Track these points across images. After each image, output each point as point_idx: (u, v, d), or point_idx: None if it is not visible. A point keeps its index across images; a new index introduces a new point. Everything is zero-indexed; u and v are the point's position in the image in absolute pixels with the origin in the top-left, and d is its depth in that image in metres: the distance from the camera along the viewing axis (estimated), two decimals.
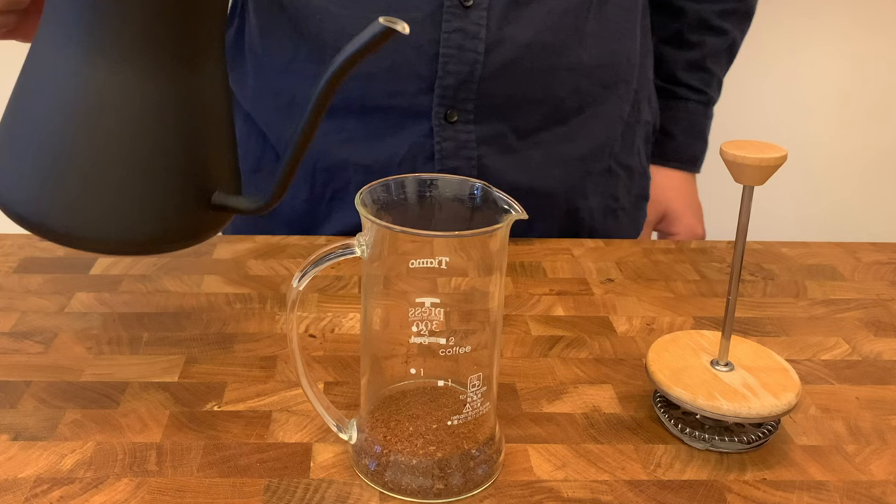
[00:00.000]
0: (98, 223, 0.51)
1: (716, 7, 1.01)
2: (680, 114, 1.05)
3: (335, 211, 0.89)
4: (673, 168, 1.07)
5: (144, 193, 0.51)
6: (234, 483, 0.52)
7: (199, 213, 0.54)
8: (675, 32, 1.03)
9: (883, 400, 0.62)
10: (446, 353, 0.48)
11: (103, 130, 0.50)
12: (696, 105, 1.05)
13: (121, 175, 0.51)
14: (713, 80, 1.05)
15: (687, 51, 1.03)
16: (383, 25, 0.45)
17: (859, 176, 1.72)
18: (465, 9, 0.79)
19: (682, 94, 1.04)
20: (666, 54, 1.04)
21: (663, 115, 1.05)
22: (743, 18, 1.03)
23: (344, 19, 0.81)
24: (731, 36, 1.03)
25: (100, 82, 0.50)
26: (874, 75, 1.65)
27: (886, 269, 0.82)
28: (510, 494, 0.51)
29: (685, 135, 1.05)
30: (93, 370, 0.62)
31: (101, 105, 0.50)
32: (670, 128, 1.05)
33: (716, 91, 1.06)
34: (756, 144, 0.52)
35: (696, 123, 1.05)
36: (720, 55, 1.04)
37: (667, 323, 0.71)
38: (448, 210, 0.52)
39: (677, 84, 1.04)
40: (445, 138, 0.84)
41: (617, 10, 0.87)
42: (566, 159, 0.89)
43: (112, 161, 0.51)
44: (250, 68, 0.90)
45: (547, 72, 0.84)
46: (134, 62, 0.50)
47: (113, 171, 0.51)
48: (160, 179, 0.52)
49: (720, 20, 1.02)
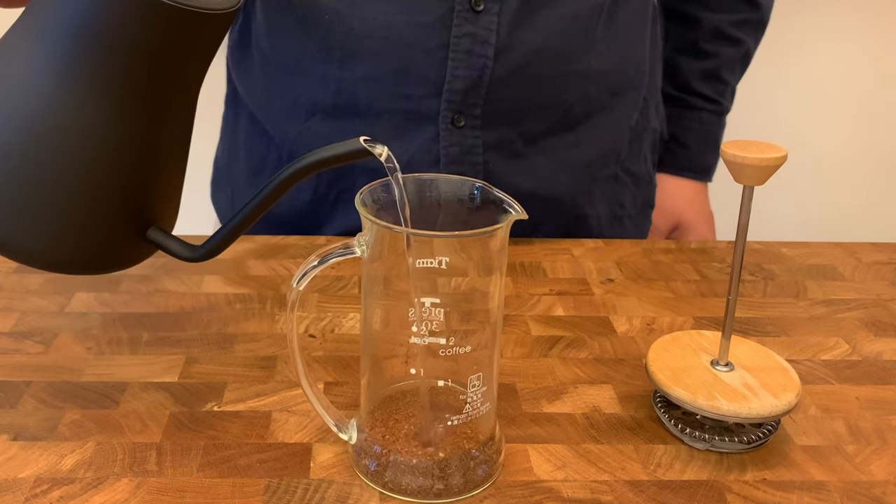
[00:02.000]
0: (25, 235, 0.50)
1: (731, 17, 1.01)
2: (694, 124, 1.04)
3: (339, 211, 0.89)
4: (686, 178, 1.07)
5: (80, 218, 0.51)
6: (234, 483, 0.52)
7: (131, 245, 0.54)
8: (690, 42, 1.03)
9: (883, 400, 0.62)
10: (446, 353, 0.48)
11: (53, 149, 0.49)
12: (709, 115, 1.05)
13: (61, 195, 0.50)
14: (727, 90, 1.05)
15: (702, 60, 1.03)
16: (362, 146, 0.48)
17: (860, 176, 1.72)
18: (476, 13, 0.79)
19: (696, 104, 1.04)
20: (680, 63, 1.04)
21: (676, 124, 1.04)
22: (757, 28, 1.03)
23: (353, 20, 0.81)
24: (746, 46, 1.03)
25: (61, 103, 0.49)
26: (875, 75, 1.65)
27: (886, 269, 0.82)
28: (510, 494, 0.51)
29: (699, 145, 1.05)
30: (93, 370, 0.62)
31: (58, 125, 0.49)
32: (684, 137, 1.05)
33: (729, 100, 1.06)
34: (756, 144, 0.53)
35: (709, 133, 1.05)
36: (734, 65, 1.04)
37: (667, 323, 0.71)
38: (448, 210, 0.52)
39: (691, 94, 1.04)
40: (452, 143, 0.83)
41: (628, 17, 0.87)
42: (573, 165, 0.89)
43: (55, 180, 0.50)
44: (257, 66, 0.90)
45: (556, 78, 0.84)
46: (103, 95, 0.49)
47: (54, 190, 0.50)
48: (100, 208, 0.51)
49: (735, 30, 1.02)
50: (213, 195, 1.01)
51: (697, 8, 1.02)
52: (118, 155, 0.51)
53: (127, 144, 0.51)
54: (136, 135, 0.51)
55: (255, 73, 0.90)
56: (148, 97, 0.51)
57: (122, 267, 0.56)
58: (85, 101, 0.49)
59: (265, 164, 0.92)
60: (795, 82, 1.63)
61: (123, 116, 0.50)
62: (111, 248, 0.54)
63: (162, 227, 0.55)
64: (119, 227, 0.53)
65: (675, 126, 1.05)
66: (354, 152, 0.48)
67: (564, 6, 0.82)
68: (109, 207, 0.52)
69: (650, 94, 0.95)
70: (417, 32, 0.80)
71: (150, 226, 0.55)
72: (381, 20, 0.80)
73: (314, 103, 0.85)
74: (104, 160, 0.50)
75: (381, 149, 0.48)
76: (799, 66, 1.61)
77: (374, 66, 0.82)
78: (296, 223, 0.91)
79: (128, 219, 0.53)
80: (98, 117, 0.49)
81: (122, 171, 0.51)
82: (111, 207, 0.52)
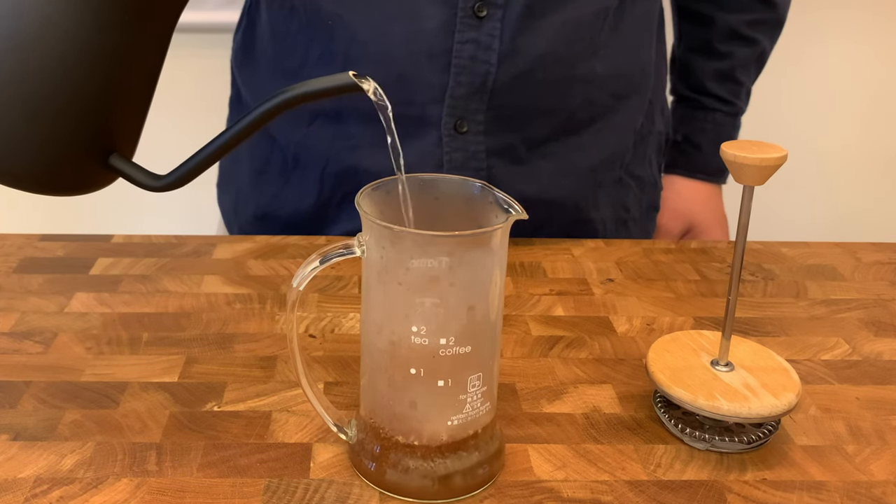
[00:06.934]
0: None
1: (746, 17, 0.99)
2: (708, 125, 1.03)
3: (344, 213, 0.89)
4: (699, 180, 1.05)
5: (43, 127, 0.49)
6: (234, 483, 0.52)
7: (92, 168, 0.52)
8: (704, 42, 1.01)
9: (883, 400, 0.62)
10: (446, 353, 0.48)
11: (23, 50, 0.47)
12: (723, 116, 1.03)
13: (24, 100, 0.48)
14: (741, 91, 1.03)
15: (715, 60, 1.01)
16: (351, 80, 0.47)
17: (860, 176, 1.72)
18: (479, 19, 0.79)
19: (710, 105, 1.03)
20: (694, 64, 1.02)
21: (690, 125, 1.03)
22: (773, 28, 1.02)
23: (356, 25, 0.80)
24: (761, 46, 1.01)
25: (39, 2, 0.47)
26: (875, 75, 1.65)
27: (886, 269, 0.82)
28: (510, 494, 0.51)
29: (713, 146, 1.03)
30: (93, 370, 0.62)
31: (32, 27, 0.47)
32: (697, 139, 1.03)
33: (744, 101, 1.04)
34: (756, 144, 0.53)
35: (723, 135, 1.03)
36: (749, 65, 1.02)
37: (667, 323, 0.71)
38: (448, 210, 0.52)
39: (705, 94, 1.03)
40: (455, 149, 0.83)
41: (633, 21, 0.86)
42: (577, 170, 0.89)
43: (21, 83, 0.48)
44: (261, 70, 0.90)
45: (560, 83, 0.83)
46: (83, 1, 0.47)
47: (17, 93, 0.48)
48: (64, 120, 0.49)
49: (750, 30, 1.00)
50: (219, 196, 1.02)
51: (712, 7, 1.00)
52: (89, 66, 0.49)
53: (98, 53, 0.49)
54: (107, 44, 0.49)
55: (259, 77, 0.90)
56: (130, 9, 0.49)
57: (80, 190, 0.54)
58: (64, 4, 0.47)
59: (268, 167, 0.92)
60: (795, 82, 1.63)
61: (101, 26, 0.48)
62: (71, 166, 0.51)
63: (122, 157, 0.53)
64: (81, 144, 0.51)
65: (688, 127, 1.03)
66: (343, 86, 0.47)
67: (568, 11, 0.81)
68: (73, 120, 0.50)
69: (655, 97, 0.94)
70: (420, 38, 0.79)
71: (113, 152, 0.52)
72: (383, 26, 0.80)
73: (317, 107, 0.85)
74: (74, 69, 0.49)
75: (370, 84, 0.47)
76: (799, 66, 1.61)
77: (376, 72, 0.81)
78: (300, 225, 0.91)
79: (91, 137, 0.51)
80: (73, 23, 0.48)
81: (90, 83, 0.49)
82: (75, 121, 0.50)
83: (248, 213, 0.95)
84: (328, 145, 0.86)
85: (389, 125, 0.49)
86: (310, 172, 0.88)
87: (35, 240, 0.82)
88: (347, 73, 0.47)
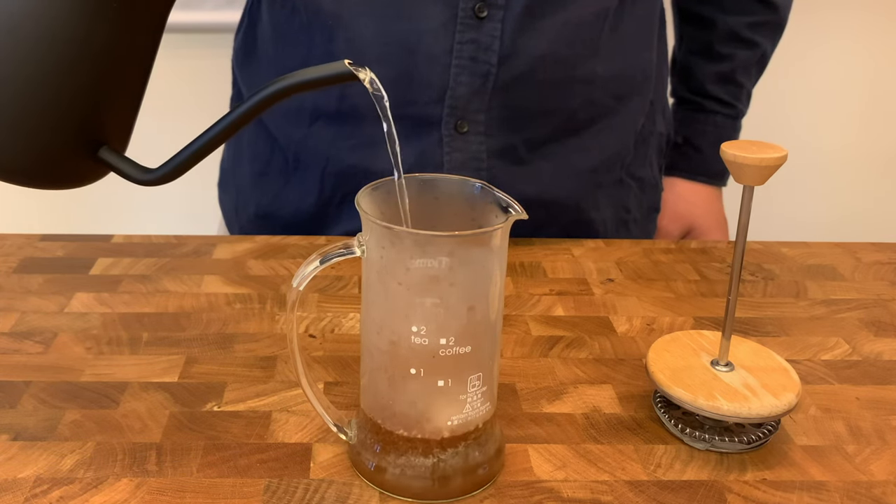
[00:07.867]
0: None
1: (747, 19, 0.99)
2: (708, 127, 1.03)
3: (345, 213, 0.89)
4: (700, 182, 1.05)
5: (33, 117, 0.49)
6: (234, 483, 0.52)
7: (81, 160, 0.52)
8: (705, 44, 1.01)
9: (883, 400, 0.62)
10: (446, 353, 0.48)
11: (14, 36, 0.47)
12: (724, 119, 1.03)
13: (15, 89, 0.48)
14: (742, 93, 1.03)
15: (717, 63, 1.01)
16: (347, 69, 0.47)
17: (860, 176, 1.72)
18: (479, 20, 0.79)
19: (711, 108, 1.03)
20: (695, 66, 1.02)
21: (690, 127, 1.03)
22: (775, 30, 1.01)
23: (357, 25, 0.80)
24: (762, 48, 1.01)
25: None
26: (875, 76, 1.65)
27: (886, 269, 0.82)
28: (510, 494, 0.51)
29: (713, 149, 1.03)
30: (93, 370, 0.62)
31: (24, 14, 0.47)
32: (698, 141, 1.03)
33: (745, 104, 1.04)
34: (756, 144, 0.53)
35: (724, 137, 1.03)
36: (750, 68, 1.02)
37: (667, 323, 0.71)
38: (448, 210, 0.52)
39: (706, 97, 1.03)
40: (455, 149, 0.83)
41: (633, 22, 0.86)
42: (577, 171, 0.88)
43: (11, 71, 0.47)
44: (262, 70, 0.90)
45: (560, 84, 0.83)
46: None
47: (7, 82, 0.47)
48: (54, 110, 0.49)
49: (751, 32, 1.00)
50: (220, 197, 1.02)
51: (713, 10, 1.00)
52: (76, 57, 0.48)
53: (87, 49, 0.48)
54: (97, 41, 0.49)
55: (260, 76, 0.90)
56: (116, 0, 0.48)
57: (70, 184, 0.53)
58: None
59: (269, 167, 0.92)
60: (795, 82, 1.63)
61: (88, 16, 0.48)
62: (60, 159, 0.51)
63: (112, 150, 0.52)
64: (69, 136, 0.50)
65: (689, 129, 1.03)
66: (338, 75, 0.46)
67: (569, 12, 0.81)
68: (61, 112, 0.49)
69: (656, 98, 0.94)
70: (420, 39, 0.79)
71: (103, 145, 0.52)
72: (384, 26, 0.80)
73: (317, 108, 0.85)
74: (61, 60, 0.48)
75: (365, 73, 0.47)
76: (799, 66, 1.61)
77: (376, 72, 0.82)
78: (300, 225, 0.91)
79: (79, 129, 0.50)
80: (59, 13, 0.47)
81: (77, 75, 0.49)
82: (63, 112, 0.49)
83: (249, 213, 0.95)
84: (329, 146, 0.86)
85: (385, 114, 0.49)
86: (310, 173, 0.88)
87: (35, 240, 0.82)
88: (343, 62, 0.47)
